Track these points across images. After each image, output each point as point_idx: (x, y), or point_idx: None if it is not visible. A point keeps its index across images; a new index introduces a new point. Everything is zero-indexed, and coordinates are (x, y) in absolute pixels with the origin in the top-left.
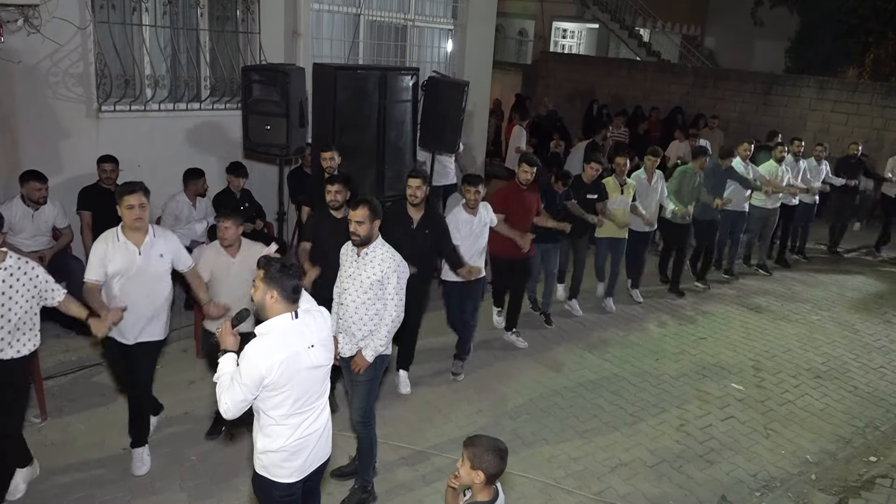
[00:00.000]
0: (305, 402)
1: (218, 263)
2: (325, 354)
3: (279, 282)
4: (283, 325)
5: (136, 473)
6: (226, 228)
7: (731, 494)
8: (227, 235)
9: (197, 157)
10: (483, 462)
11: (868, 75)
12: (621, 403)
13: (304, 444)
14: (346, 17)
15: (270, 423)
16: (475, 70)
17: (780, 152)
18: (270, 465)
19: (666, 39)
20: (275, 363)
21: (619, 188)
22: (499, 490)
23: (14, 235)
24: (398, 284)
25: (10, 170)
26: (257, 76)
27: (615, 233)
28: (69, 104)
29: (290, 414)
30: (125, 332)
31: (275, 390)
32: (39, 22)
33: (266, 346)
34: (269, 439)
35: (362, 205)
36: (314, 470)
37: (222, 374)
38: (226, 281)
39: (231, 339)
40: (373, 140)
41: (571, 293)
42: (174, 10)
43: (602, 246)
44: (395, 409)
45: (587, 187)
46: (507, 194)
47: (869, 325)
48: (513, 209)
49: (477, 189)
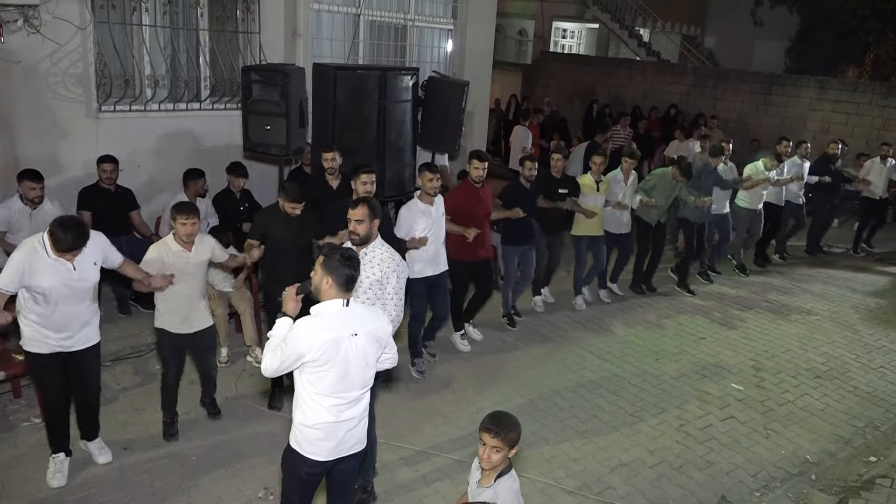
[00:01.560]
0: (344, 386)
1: (176, 260)
2: (369, 345)
3: (336, 270)
4: (332, 310)
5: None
6: (193, 224)
7: (731, 494)
8: (194, 231)
9: (196, 158)
10: (513, 438)
11: (868, 75)
12: (621, 403)
13: (339, 427)
14: (345, 17)
15: (308, 399)
16: (475, 70)
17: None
18: (304, 440)
19: (666, 39)
20: (316, 343)
21: (595, 186)
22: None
23: (12, 234)
24: (398, 284)
25: (9, 169)
26: (257, 76)
27: (593, 230)
28: (69, 104)
29: (327, 394)
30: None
31: (314, 367)
32: (39, 22)
33: (313, 326)
34: (305, 414)
35: (361, 203)
36: (345, 457)
37: (275, 336)
38: (185, 276)
39: (292, 304)
40: (373, 140)
41: (542, 283)
42: (174, 10)
43: (581, 245)
44: (394, 409)
45: (557, 181)
46: (458, 195)
47: (869, 325)
48: (466, 209)
49: (437, 176)
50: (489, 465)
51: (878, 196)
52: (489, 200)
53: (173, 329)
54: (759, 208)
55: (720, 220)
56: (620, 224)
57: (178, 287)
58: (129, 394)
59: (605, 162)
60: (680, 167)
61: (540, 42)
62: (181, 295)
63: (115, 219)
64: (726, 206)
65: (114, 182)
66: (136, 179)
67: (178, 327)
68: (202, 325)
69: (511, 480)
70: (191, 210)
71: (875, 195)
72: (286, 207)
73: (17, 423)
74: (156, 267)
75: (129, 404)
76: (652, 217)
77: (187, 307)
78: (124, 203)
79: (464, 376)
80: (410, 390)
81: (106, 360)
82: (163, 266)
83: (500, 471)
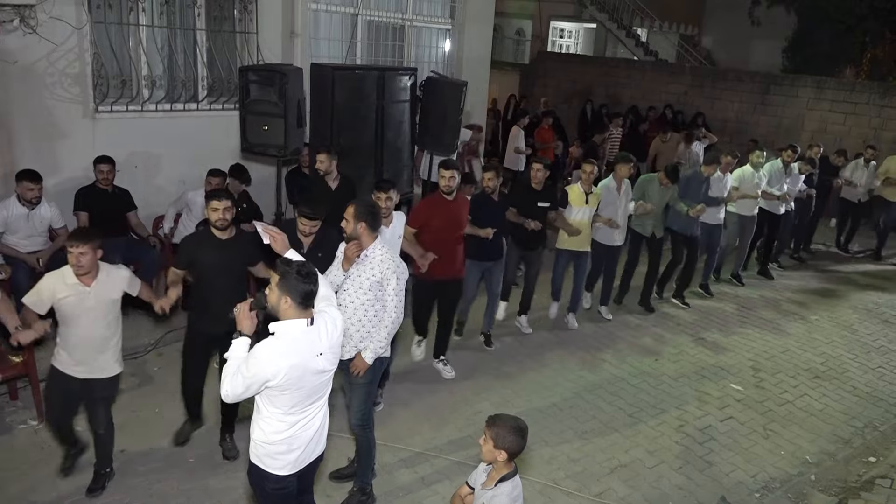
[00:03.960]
0: (307, 403)
1: (68, 296)
2: (332, 360)
3: (295, 288)
4: (296, 331)
5: None
6: (81, 255)
7: (730, 495)
8: (84, 262)
9: (194, 158)
10: (506, 442)
11: (866, 75)
12: (620, 404)
13: (300, 440)
14: (343, 17)
15: (269, 417)
16: (473, 70)
17: (758, 157)
18: (265, 455)
19: (663, 39)
20: (282, 368)
21: (584, 197)
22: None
23: (10, 235)
24: (397, 286)
25: (6, 170)
26: (255, 76)
27: (577, 245)
28: (66, 104)
29: (290, 413)
30: None
31: (278, 391)
32: (36, 22)
33: (276, 350)
34: (266, 431)
35: (351, 204)
36: (307, 466)
37: (232, 358)
38: (79, 317)
39: (248, 322)
40: (371, 140)
41: (521, 308)
42: (171, 10)
43: (562, 259)
44: (393, 411)
45: (536, 194)
46: (428, 207)
47: (867, 326)
48: (436, 223)
49: (389, 196)
50: (484, 459)
51: (856, 199)
52: (463, 214)
53: (66, 369)
54: (752, 214)
55: (711, 229)
56: (612, 236)
57: (74, 329)
58: (125, 396)
59: (595, 171)
60: (665, 171)
61: (538, 42)
62: (79, 338)
63: (112, 220)
64: (720, 216)
65: (111, 183)
66: (134, 180)
67: (73, 369)
68: (101, 375)
69: (511, 487)
70: (79, 238)
71: (854, 198)
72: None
73: (13, 425)
74: (42, 301)
75: (126, 406)
76: (646, 228)
77: (85, 352)
78: (121, 204)
79: (462, 378)
80: (409, 392)
81: None
82: (51, 301)
83: (503, 475)
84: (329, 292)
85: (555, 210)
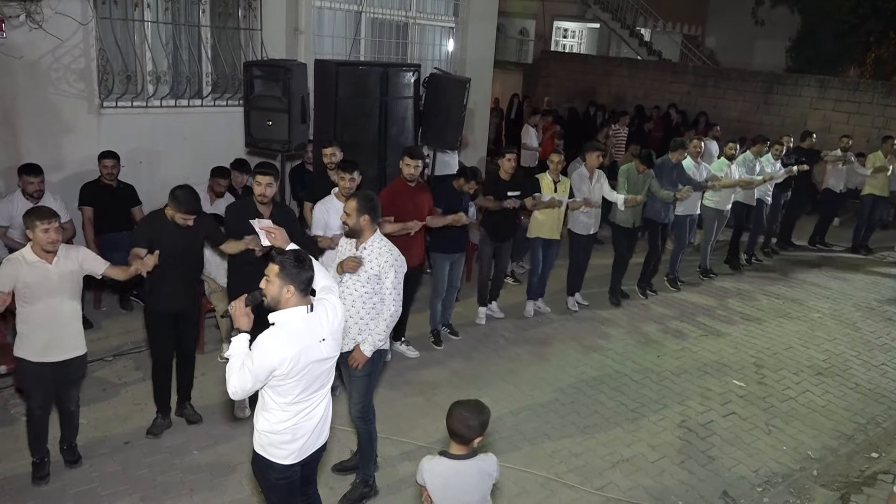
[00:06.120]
0: (311, 391)
1: (32, 275)
2: (334, 347)
3: (296, 277)
4: (297, 319)
5: None
6: (55, 230)
7: (732, 490)
8: (56, 238)
9: (198, 153)
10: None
11: (869, 74)
12: (623, 400)
13: (304, 429)
14: (347, 14)
15: (273, 407)
16: (476, 68)
17: (730, 149)
18: (268, 444)
19: (667, 39)
20: (287, 357)
21: (553, 185)
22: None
23: (15, 229)
24: (396, 279)
25: (12, 165)
26: (259, 72)
27: (548, 233)
28: (71, 100)
29: (294, 402)
30: None
31: (283, 380)
32: (41, 17)
33: (280, 339)
34: (270, 421)
35: (352, 198)
36: (311, 455)
37: (234, 355)
38: (44, 293)
39: (245, 319)
40: (374, 136)
41: (490, 296)
42: (176, 6)
43: (536, 248)
44: (395, 404)
45: (505, 184)
46: (391, 194)
47: (870, 323)
48: (399, 211)
49: (352, 176)
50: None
51: (839, 190)
52: (424, 205)
53: (33, 358)
54: (726, 209)
55: (689, 221)
56: (587, 225)
57: (39, 305)
58: (130, 388)
59: (562, 161)
60: (640, 157)
61: (541, 41)
62: (44, 314)
63: (116, 215)
64: (697, 208)
65: (115, 178)
66: (138, 175)
67: (40, 355)
68: (70, 354)
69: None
70: (49, 215)
71: (837, 188)
72: (176, 218)
73: (18, 416)
74: (6, 284)
75: (130, 399)
76: (628, 220)
77: (52, 330)
78: (126, 199)
79: (465, 372)
80: (411, 386)
81: (107, 356)
82: (16, 283)
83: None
84: (331, 283)
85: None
